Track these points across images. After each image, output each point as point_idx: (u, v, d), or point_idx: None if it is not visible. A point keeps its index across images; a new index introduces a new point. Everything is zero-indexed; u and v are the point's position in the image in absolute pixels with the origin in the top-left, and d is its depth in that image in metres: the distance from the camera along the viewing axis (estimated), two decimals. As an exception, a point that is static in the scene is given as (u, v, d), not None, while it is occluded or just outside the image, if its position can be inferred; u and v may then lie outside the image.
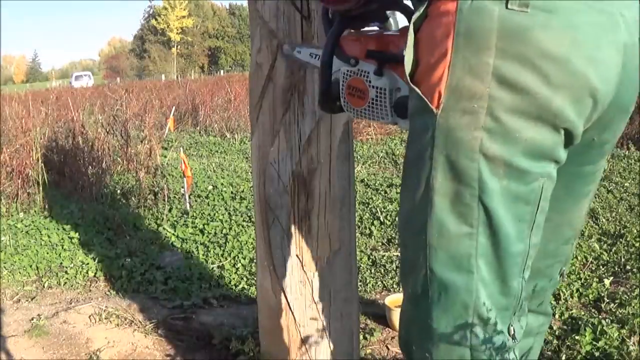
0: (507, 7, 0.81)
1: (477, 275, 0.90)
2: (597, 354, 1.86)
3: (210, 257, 3.04)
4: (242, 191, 4.18)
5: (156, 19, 57.07)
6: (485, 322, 0.92)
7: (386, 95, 1.07)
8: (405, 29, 1.04)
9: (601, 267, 2.68)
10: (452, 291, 0.91)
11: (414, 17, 0.90)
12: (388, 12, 1.17)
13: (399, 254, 2.93)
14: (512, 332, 0.96)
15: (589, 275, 2.56)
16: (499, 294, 0.92)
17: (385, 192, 3.95)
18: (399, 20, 1.18)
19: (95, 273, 2.85)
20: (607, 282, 2.45)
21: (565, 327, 2.10)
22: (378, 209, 3.57)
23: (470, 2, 0.83)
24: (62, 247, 3.16)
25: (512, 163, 0.86)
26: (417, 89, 0.89)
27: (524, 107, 0.83)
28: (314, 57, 1.34)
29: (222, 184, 4.40)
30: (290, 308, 1.64)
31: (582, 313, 2.21)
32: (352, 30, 1.16)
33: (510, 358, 0.97)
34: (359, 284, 2.59)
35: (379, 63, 1.07)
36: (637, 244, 2.88)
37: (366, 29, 1.17)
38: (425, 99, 0.88)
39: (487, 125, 0.84)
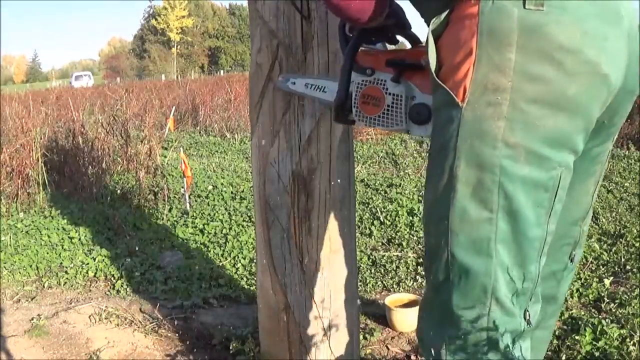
0: (524, 7, 0.89)
1: (495, 259, 0.95)
2: (597, 354, 1.86)
3: (210, 257, 3.04)
4: (242, 191, 4.18)
5: (156, 19, 57.04)
6: (502, 306, 0.97)
7: (402, 102, 1.14)
8: (419, 46, 1.18)
9: (601, 267, 2.68)
10: (472, 275, 0.96)
11: (434, 24, 0.97)
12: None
13: (399, 254, 2.94)
14: (528, 317, 1.00)
15: (589, 275, 2.56)
16: (517, 278, 0.97)
17: (385, 192, 3.95)
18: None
19: (95, 273, 2.85)
20: (607, 282, 2.45)
21: (565, 327, 2.09)
22: (378, 209, 3.57)
23: (491, 4, 0.90)
24: (62, 247, 3.16)
25: (533, 150, 0.91)
26: (444, 84, 0.95)
27: (543, 96, 0.90)
28: (310, 88, 1.41)
29: (222, 184, 4.40)
30: (290, 308, 1.64)
31: (582, 313, 2.21)
32: (364, 48, 1.23)
33: (524, 344, 1.01)
34: (359, 284, 2.59)
35: (398, 70, 1.14)
36: (637, 244, 2.88)
37: (372, 47, 1.25)
38: (452, 94, 0.94)
39: (509, 115, 0.91)
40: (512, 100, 0.90)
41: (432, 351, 1.04)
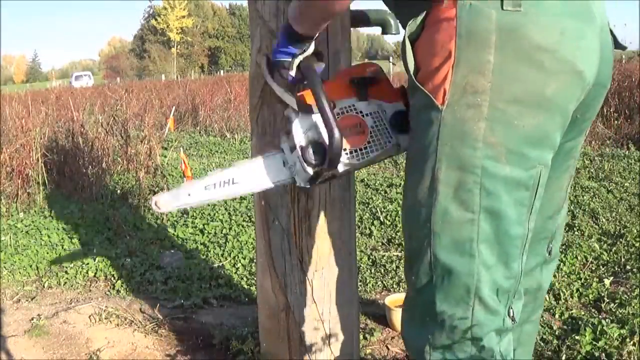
0: (502, 8, 0.89)
1: (478, 259, 0.95)
2: (597, 354, 1.86)
3: (210, 257, 3.04)
4: (242, 191, 4.17)
5: (156, 19, 57.09)
6: (485, 305, 0.97)
7: (381, 117, 1.11)
8: (357, 64, 1.17)
9: (601, 267, 2.68)
10: (454, 275, 0.96)
11: (410, 27, 0.97)
12: (388, 17, 1.20)
13: (399, 254, 2.94)
14: (512, 314, 1.01)
15: (589, 275, 2.56)
16: (500, 276, 0.97)
17: (385, 192, 3.95)
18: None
19: (95, 273, 2.85)
20: (607, 282, 2.45)
21: (565, 327, 2.10)
22: (378, 209, 3.57)
23: (469, 7, 0.91)
24: (62, 247, 3.16)
25: (514, 150, 0.92)
26: (423, 87, 0.95)
27: (523, 96, 0.91)
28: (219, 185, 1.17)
29: (222, 184, 4.39)
30: (290, 308, 1.64)
31: (582, 313, 2.21)
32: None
33: (506, 339, 1.01)
34: (359, 284, 2.59)
35: (357, 89, 1.09)
36: (637, 244, 2.88)
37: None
38: (431, 96, 0.94)
39: (489, 116, 0.91)
40: (491, 101, 0.90)
41: (417, 351, 1.05)
